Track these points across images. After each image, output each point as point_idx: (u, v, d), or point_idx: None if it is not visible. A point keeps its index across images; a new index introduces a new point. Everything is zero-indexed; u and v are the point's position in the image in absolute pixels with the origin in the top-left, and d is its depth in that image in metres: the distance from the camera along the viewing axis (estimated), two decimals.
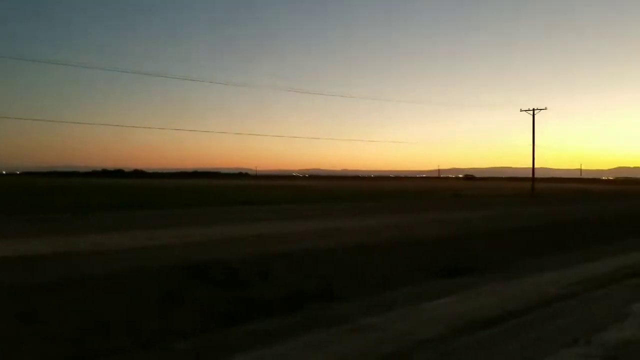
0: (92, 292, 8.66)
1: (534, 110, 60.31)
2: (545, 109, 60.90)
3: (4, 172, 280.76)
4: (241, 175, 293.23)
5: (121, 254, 13.01)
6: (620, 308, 8.15)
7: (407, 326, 7.02)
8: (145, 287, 9.05)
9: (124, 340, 6.21)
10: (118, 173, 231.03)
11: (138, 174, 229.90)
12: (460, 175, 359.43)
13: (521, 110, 61.52)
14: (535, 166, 63.52)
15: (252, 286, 9.21)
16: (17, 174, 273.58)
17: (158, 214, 26.51)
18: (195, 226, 19.76)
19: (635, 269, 11.76)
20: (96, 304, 7.90)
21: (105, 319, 7.04)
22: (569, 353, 5.95)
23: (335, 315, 7.48)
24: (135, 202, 35.19)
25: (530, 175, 65.47)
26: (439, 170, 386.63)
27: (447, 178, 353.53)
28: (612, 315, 7.70)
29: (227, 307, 7.73)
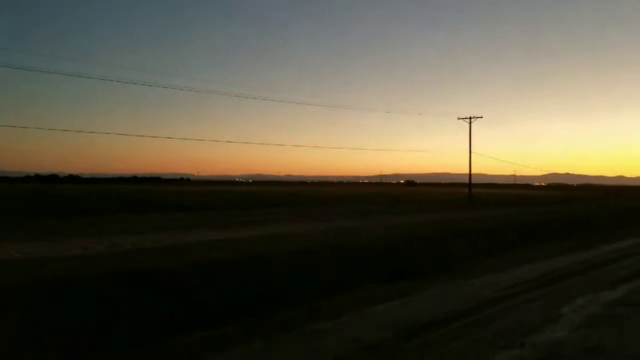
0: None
1: (470, 118, 62.44)
2: (481, 117, 63.31)
3: None
4: (182, 181, 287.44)
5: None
6: (553, 310, 8.54)
7: (352, 331, 7.08)
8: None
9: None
10: (52, 178, 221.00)
11: (73, 179, 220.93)
12: (402, 181, 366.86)
13: (459, 119, 63.60)
14: (472, 172, 65.76)
15: (194, 295, 9.01)
16: None
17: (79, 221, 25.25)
18: (126, 234, 19.12)
19: (566, 271, 12.38)
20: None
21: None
22: (504, 355, 6.19)
23: (280, 322, 7.44)
24: (51, 208, 33.42)
25: (468, 181, 67.77)
26: (381, 176, 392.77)
27: (389, 183, 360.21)
28: (545, 317, 8.05)
29: (169, 316, 7.54)
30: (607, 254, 15.69)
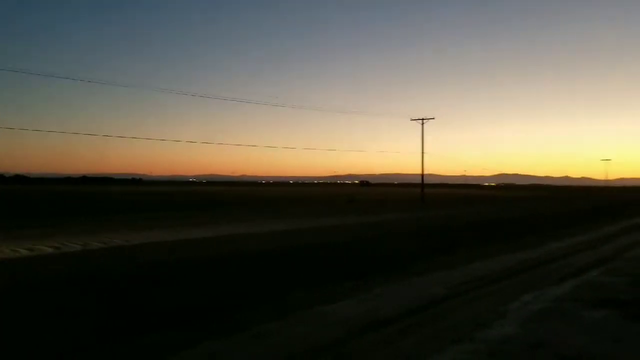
0: None
1: (423, 119, 63.57)
2: (433, 118, 64.60)
3: None
4: (134, 181, 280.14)
5: None
6: (501, 305, 8.79)
7: (306, 330, 7.08)
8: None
9: None
10: None
11: (19, 179, 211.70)
12: (356, 181, 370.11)
13: (411, 120, 64.67)
14: (425, 173, 67.03)
15: (145, 299, 8.81)
16: None
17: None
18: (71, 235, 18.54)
19: (514, 269, 12.77)
20: None
21: None
22: (455, 349, 6.33)
23: (234, 323, 7.35)
24: None
25: (420, 181, 69.01)
26: (336, 176, 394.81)
27: (344, 184, 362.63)
28: (494, 313, 8.27)
29: (118, 321, 7.33)
30: (555, 251, 16.28)
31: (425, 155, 65.19)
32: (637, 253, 15.91)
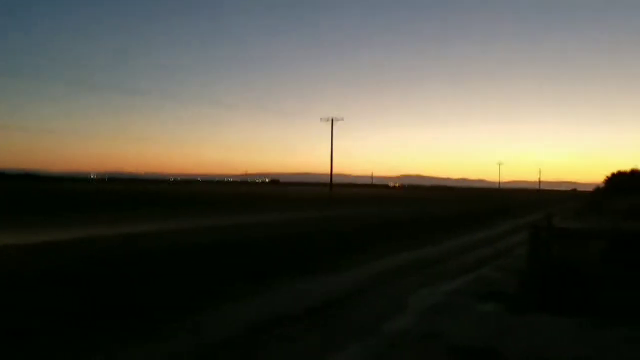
0: None
1: (332, 120, 64.97)
2: (342, 119, 66.27)
3: None
4: (28, 177, 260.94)
5: None
6: (402, 300, 9.28)
7: (212, 328, 7.09)
8: None
9: None
10: None
11: None
12: (267, 180, 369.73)
13: (321, 120, 65.90)
14: (334, 172, 68.55)
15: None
16: None
17: None
18: None
19: (416, 265, 13.46)
20: None
21: None
22: (358, 344, 6.64)
23: (137, 325, 7.19)
24: None
25: (330, 181, 70.46)
26: (247, 175, 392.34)
27: (254, 183, 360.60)
28: (394, 307, 8.73)
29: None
30: (453, 248, 17.32)
31: (334, 155, 66.59)
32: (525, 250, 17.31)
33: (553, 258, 11.80)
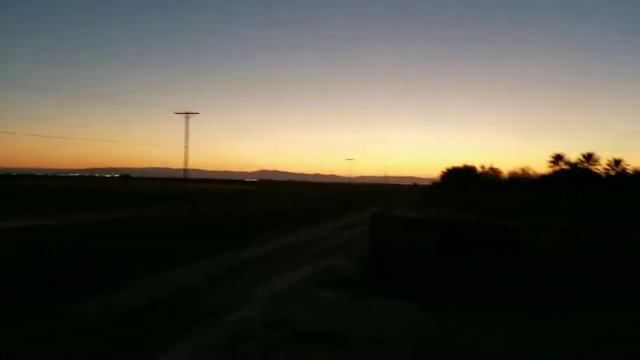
0: None
1: (187, 114, 63.10)
2: (198, 113, 64.57)
3: None
4: None
5: None
6: (249, 290, 9.37)
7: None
8: None
9: None
10: None
11: None
12: (117, 175, 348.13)
13: (176, 113, 63.63)
14: (191, 168, 66.83)
15: None
16: None
17: None
18: None
19: (271, 255, 13.63)
20: None
21: None
22: (206, 333, 6.60)
23: None
24: None
25: (186, 177, 68.44)
26: (95, 169, 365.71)
27: (103, 177, 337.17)
28: (242, 297, 8.80)
29: None
30: (306, 238, 17.83)
31: (191, 150, 64.86)
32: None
33: (392, 245, 12.74)
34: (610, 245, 11.36)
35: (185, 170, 66.80)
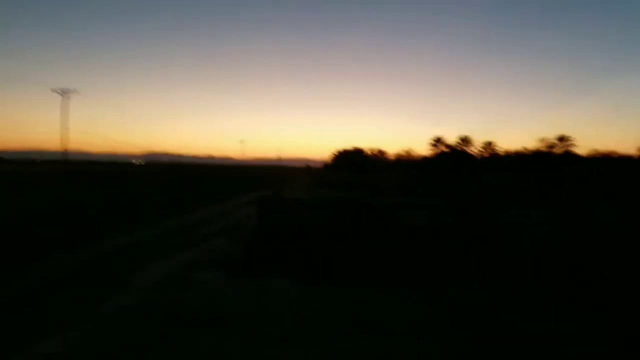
0: None
1: (64, 91, 58.92)
2: (78, 91, 60.60)
3: None
4: None
5: None
6: (129, 275, 9.10)
7: None
8: None
9: None
10: None
11: None
12: None
13: (52, 90, 59.17)
14: (72, 149, 62.52)
15: None
16: None
17: None
18: None
19: (148, 242, 13.28)
20: None
21: None
22: (79, 327, 6.35)
23: None
24: None
25: (66, 158, 64.04)
26: None
27: None
28: (121, 283, 8.55)
29: None
30: (196, 218, 17.56)
31: (71, 131, 60.52)
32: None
33: (279, 226, 12.99)
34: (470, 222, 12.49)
35: (65, 152, 62.61)
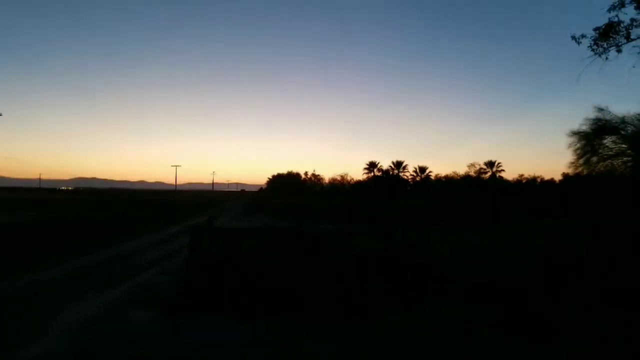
0: None
1: None
2: (1, 114, 57.17)
3: None
4: None
5: None
6: (49, 317, 8.54)
7: None
8: None
9: None
10: None
11: None
12: None
13: None
14: None
15: None
16: None
17: None
18: None
19: (70, 276, 12.59)
20: None
21: None
22: None
23: None
24: None
25: None
26: None
27: None
28: (40, 324, 7.99)
29: None
30: (129, 248, 16.81)
31: None
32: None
33: (211, 258, 12.65)
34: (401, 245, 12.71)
35: None
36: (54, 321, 8.35)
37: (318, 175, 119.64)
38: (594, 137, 13.23)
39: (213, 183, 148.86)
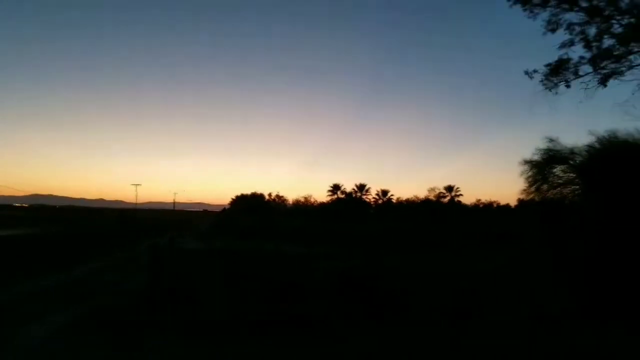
0: None
1: None
2: None
3: None
4: None
5: None
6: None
7: None
8: None
9: None
10: None
11: None
12: None
13: None
14: None
15: None
16: None
17: None
18: None
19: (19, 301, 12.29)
20: None
21: None
22: None
23: None
24: None
25: None
26: None
27: None
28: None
29: None
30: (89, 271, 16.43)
31: None
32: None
33: (171, 279, 12.62)
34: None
35: None
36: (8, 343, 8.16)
37: (282, 196, 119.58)
38: (545, 166, 13.87)
39: (174, 202, 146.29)
